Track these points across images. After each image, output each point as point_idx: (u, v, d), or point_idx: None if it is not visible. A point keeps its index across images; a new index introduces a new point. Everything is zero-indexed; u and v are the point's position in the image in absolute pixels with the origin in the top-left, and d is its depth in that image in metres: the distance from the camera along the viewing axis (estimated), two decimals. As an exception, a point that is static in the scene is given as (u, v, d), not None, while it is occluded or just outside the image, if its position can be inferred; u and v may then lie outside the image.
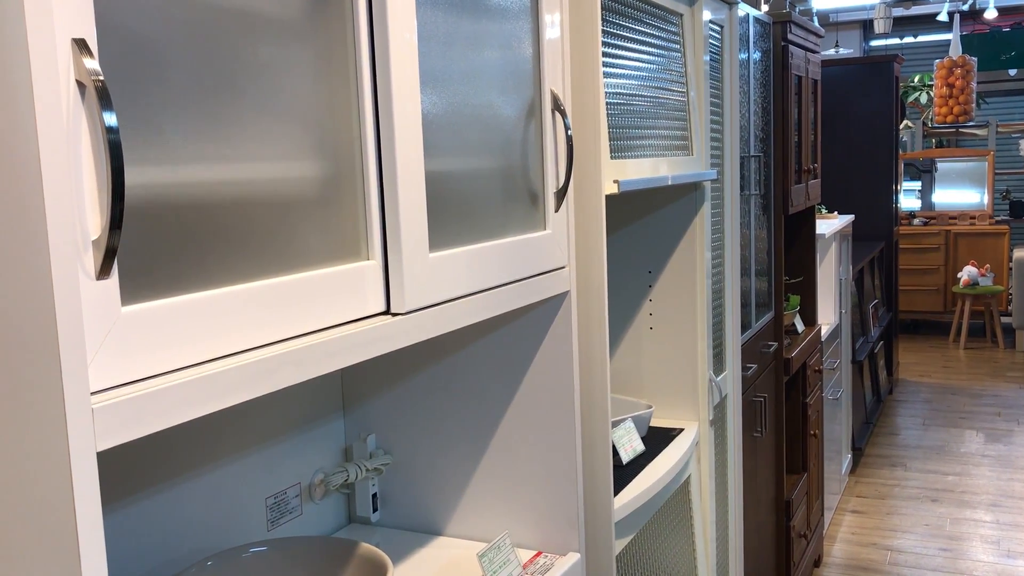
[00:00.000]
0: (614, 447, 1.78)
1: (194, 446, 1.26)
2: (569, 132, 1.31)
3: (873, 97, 5.63)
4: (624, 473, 1.73)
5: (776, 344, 2.86)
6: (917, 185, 8.14)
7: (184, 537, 1.25)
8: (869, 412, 5.03)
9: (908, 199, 8.10)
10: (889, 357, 5.90)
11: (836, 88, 5.67)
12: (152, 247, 0.74)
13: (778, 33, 2.77)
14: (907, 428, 5.23)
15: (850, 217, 4.22)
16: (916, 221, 7.52)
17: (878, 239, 5.74)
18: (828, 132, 5.72)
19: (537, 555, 1.43)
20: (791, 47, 2.82)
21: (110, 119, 0.65)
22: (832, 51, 8.30)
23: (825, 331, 3.70)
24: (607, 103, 1.51)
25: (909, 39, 9.69)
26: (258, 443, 1.38)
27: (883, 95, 5.61)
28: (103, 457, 1.13)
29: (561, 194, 1.33)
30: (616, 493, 1.62)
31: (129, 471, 1.16)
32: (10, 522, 0.67)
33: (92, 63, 0.65)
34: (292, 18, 0.88)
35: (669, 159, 1.75)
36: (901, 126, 7.88)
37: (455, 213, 1.12)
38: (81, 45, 0.65)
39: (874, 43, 9.78)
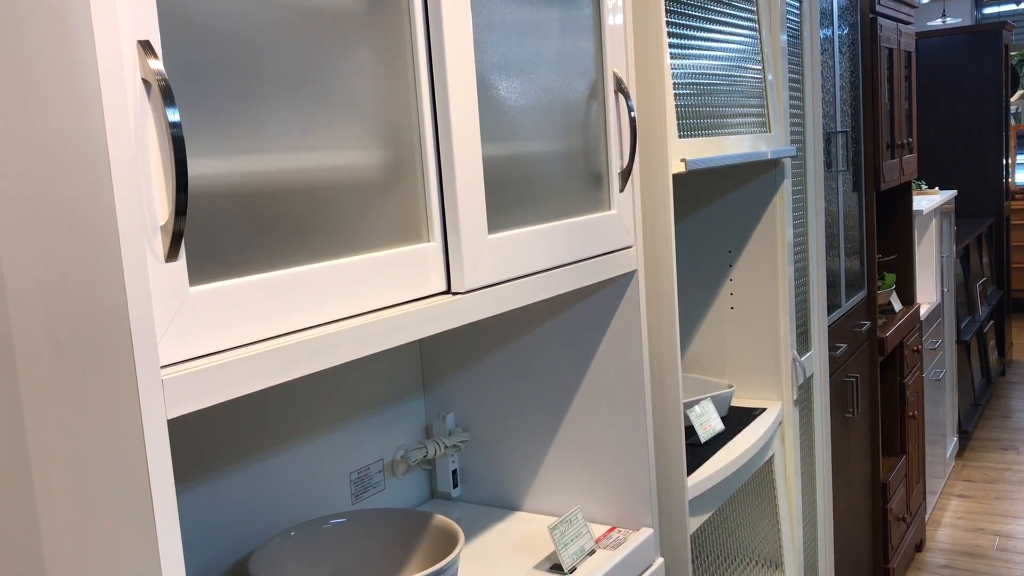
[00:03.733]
0: (692, 426, 1.79)
1: (282, 423, 1.34)
2: (632, 113, 1.33)
3: (980, 67, 5.41)
4: (702, 452, 1.74)
5: (869, 323, 2.80)
6: (1034, 158, 7.77)
7: (272, 509, 1.32)
8: (978, 394, 4.86)
9: (1023, 173, 7.73)
10: (1001, 337, 5.68)
11: (940, 60, 5.47)
12: (221, 231, 0.79)
13: (866, 5, 2.70)
14: (1021, 411, 5.03)
15: (952, 193, 4.08)
16: (1031, 195, 7.18)
17: (986, 215, 5.52)
18: (932, 106, 5.52)
19: (611, 530, 1.46)
20: (880, 19, 2.75)
21: (173, 116, 0.71)
22: (939, 21, 7.99)
23: (925, 310, 3.59)
24: (678, 83, 1.52)
25: (1026, 5, 9.23)
26: (342, 420, 1.45)
27: (991, 65, 5.39)
28: (195, 432, 1.20)
29: (626, 174, 1.35)
30: (692, 471, 1.64)
31: (220, 446, 1.24)
32: (90, 484, 0.74)
33: (156, 64, 0.71)
34: (352, 11, 0.93)
35: (745, 137, 1.74)
36: (1014, 97, 7.53)
37: (516, 195, 1.15)
38: (146, 46, 0.71)
39: (987, 11, 9.35)
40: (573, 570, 1.32)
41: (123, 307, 0.69)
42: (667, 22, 1.48)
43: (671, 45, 1.51)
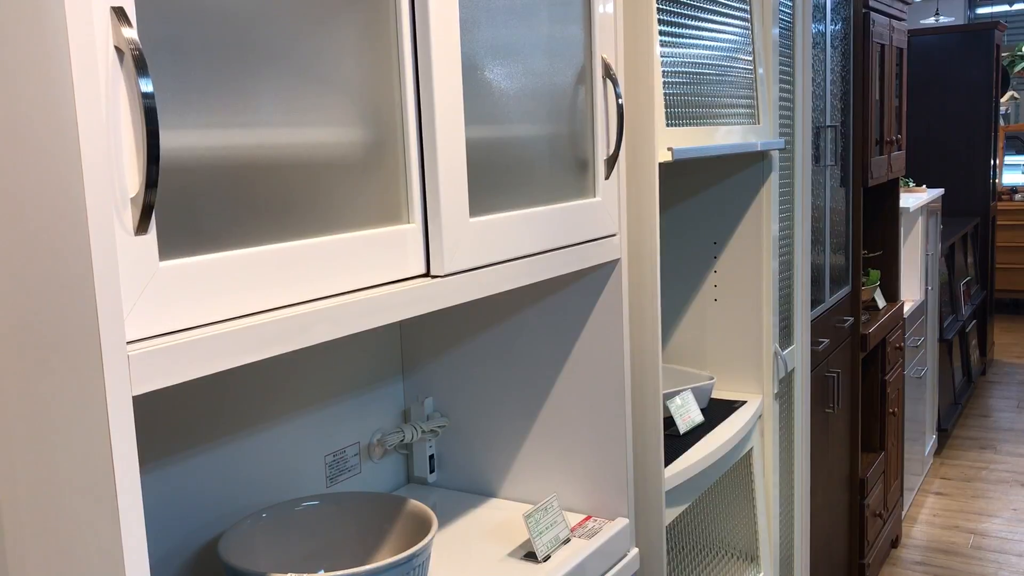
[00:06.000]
0: (671, 417, 1.79)
1: (257, 403, 1.32)
2: (620, 100, 1.32)
3: (971, 67, 5.41)
4: (681, 443, 1.74)
5: (852, 319, 2.80)
6: (1022, 160, 7.79)
7: (246, 490, 1.31)
8: (958, 393, 4.88)
9: (1012, 174, 7.76)
10: (983, 337, 5.70)
11: (932, 58, 5.47)
12: (196, 206, 0.78)
13: (859, 0, 2.69)
14: (1000, 410, 5.06)
15: (939, 191, 4.09)
16: (1018, 196, 7.21)
17: (973, 215, 5.54)
18: (922, 104, 5.53)
19: (586, 519, 1.45)
20: (873, 14, 2.74)
21: (146, 86, 0.69)
22: (932, 19, 8.00)
23: (909, 308, 3.60)
24: (667, 71, 1.51)
25: (1020, 5, 9.25)
26: (319, 402, 1.43)
27: (982, 64, 5.39)
28: (168, 410, 1.19)
29: (611, 161, 1.33)
30: (670, 462, 1.63)
31: (194, 424, 1.22)
32: (52, 461, 0.72)
33: (130, 32, 0.69)
34: (333, -13, 0.91)
35: (732, 128, 1.73)
36: (1005, 98, 7.55)
37: (500, 179, 1.14)
38: (119, 13, 0.69)
39: (980, 10, 9.37)
40: (547, 558, 1.32)
41: (89, 280, 0.67)
42: (658, 9, 1.47)
43: (662, 33, 1.49)
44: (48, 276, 0.70)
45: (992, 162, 5.54)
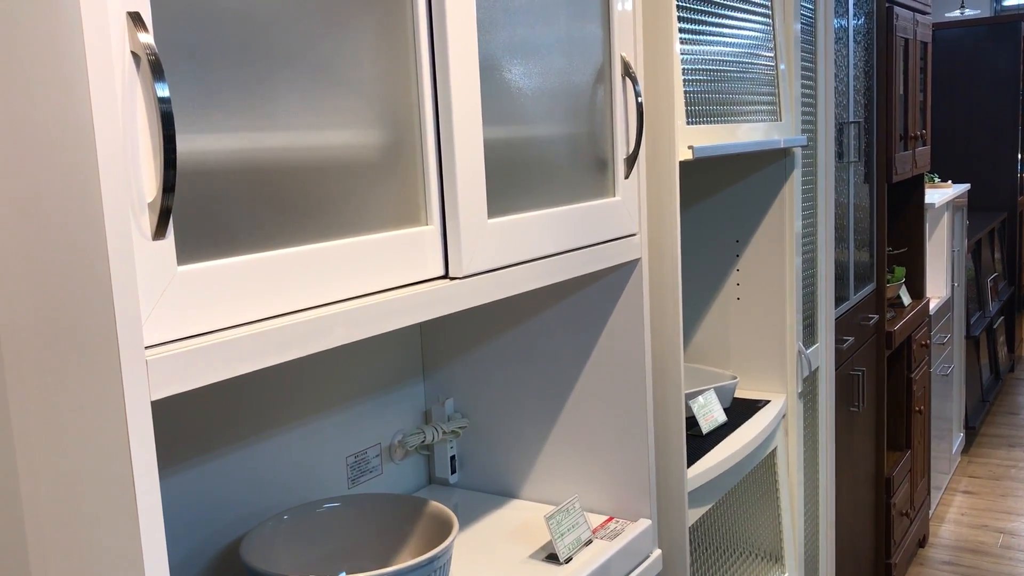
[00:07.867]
0: (694, 417, 1.77)
1: (278, 405, 1.32)
2: (639, 99, 1.31)
3: (997, 60, 5.34)
4: (703, 443, 1.73)
5: (877, 317, 2.78)
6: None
7: (268, 492, 1.31)
8: (986, 390, 4.83)
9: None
10: (1011, 333, 5.64)
11: (957, 52, 5.41)
12: (214, 210, 0.78)
13: (882, -6, 2.66)
14: (1028, 408, 5.00)
15: (965, 186, 4.04)
16: (1046, 191, 7.10)
17: (1000, 210, 5.47)
18: (947, 98, 5.46)
19: (608, 520, 1.44)
20: (896, 8, 2.71)
21: (162, 91, 0.69)
22: (957, 12, 7.91)
23: (934, 304, 3.56)
24: (688, 69, 1.50)
25: (1047, -3, 9.11)
26: (340, 404, 1.43)
27: (1009, 57, 5.32)
28: (190, 413, 1.19)
29: (631, 161, 1.32)
30: (693, 463, 1.62)
31: (215, 427, 1.23)
32: (72, 465, 0.73)
33: (146, 37, 0.69)
34: (349, -11, 0.91)
35: (755, 125, 1.72)
36: (1031, 91, 7.44)
37: (518, 179, 1.13)
38: (135, 18, 0.69)
39: (1007, 2, 9.23)
40: (569, 560, 1.31)
41: (107, 285, 0.68)
42: (677, 6, 1.46)
43: (681, 31, 1.48)
44: (66, 281, 0.70)
45: (1019, 156, 5.47)
